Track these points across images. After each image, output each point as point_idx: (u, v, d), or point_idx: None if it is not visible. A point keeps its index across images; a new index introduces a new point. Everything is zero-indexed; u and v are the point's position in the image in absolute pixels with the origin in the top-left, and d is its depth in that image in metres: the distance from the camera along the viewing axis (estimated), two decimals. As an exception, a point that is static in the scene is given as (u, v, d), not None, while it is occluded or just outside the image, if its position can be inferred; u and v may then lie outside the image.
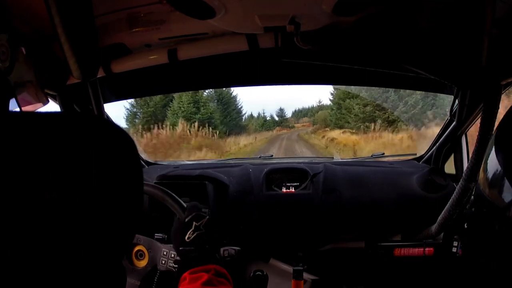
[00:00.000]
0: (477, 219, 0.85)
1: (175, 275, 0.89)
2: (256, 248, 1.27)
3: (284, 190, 1.25)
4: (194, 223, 0.75)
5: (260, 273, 0.96)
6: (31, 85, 0.82)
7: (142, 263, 0.93)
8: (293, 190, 1.25)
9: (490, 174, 0.59)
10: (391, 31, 0.80)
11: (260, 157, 1.67)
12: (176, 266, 0.88)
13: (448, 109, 1.17)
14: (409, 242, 1.20)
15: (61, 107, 0.98)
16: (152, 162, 1.54)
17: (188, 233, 0.74)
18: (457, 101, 1.08)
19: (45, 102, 0.91)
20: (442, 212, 1.05)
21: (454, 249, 1.13)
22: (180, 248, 0.75)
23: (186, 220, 0.76)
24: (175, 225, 0.80)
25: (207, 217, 0.78)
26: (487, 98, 0.82)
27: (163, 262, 0.91)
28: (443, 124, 1.28)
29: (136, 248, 0.93)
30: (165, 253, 0.91)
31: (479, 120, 0.86)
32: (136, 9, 0.82)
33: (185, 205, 0.83)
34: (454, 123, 1.17)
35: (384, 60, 0.93)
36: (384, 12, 0.74)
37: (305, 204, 1.19)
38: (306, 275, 1.23)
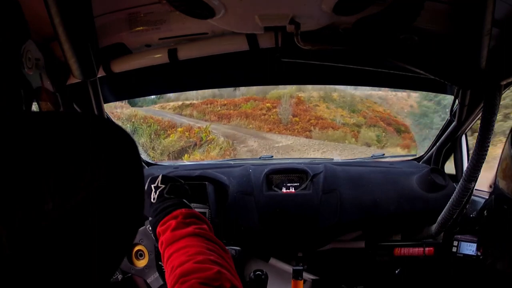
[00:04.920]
0: (497, 216, 0.85)
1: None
2: (256, 248, 1.27)
3: (284, 190, 1.26)
4: (151, 185, 0.77)
5: (260, 272, 0.96)
6: (46, 91, 0.83)
7: (142, 262, 0.93)
8: (293, 190, 1.25)
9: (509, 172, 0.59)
10: (391, 31, 0.79)
11: (260, 157, 1.67)
12: None
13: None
14: (409, 242, 1.20)
15: (61, 107, 0.98)
16: (152, 162, 1.54)
17: (151, 195, 0.76)
18: (457, 101, 1.08)
19: (59, 109, 0.92)
20: (442, 212, 1.05)
21: (454, 249, 1.13)
22: (150, 218, 0.75)
23: (146, 188, 0.77)
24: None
25: (161, 174, 0.80)
26: (487, 98, 0.82)
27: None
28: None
29: (136, 248, 0.93)
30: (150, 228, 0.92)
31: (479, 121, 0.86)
32: (136, 9, 0.82)
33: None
34: (454, 123, 1.17)
35: (384, 60, 0.93)
36: (384, 12, 0.74)
37: (305, 204, 1.19)
38: (306, 275, 1.23)
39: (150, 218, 0.88)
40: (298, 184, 1.26)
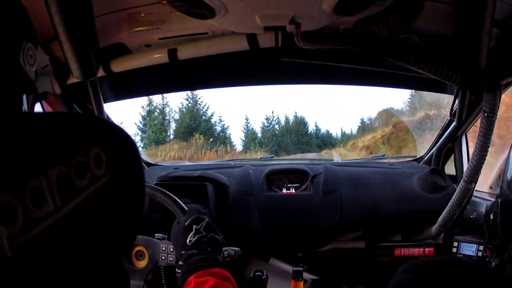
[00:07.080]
0: (505, 222, 0.84)
1: (178, 277, 0.88)
2: (256, 248, 1.27)
3: (284, 191, 1.25)
4: (194, 226, 0.74)
5: (260, 273, 0.96)
6: (51, 94, 0.83)
7: (142, 263, 0.93)
8: (293, 191, 1.25)
9: None
10: (391, 31, 0.79)
11: (260, 158, 1.67)
12: (174, 261, 0.89)
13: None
14: (409, 242, 1.20)
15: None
16: (153, 163, 1.54)
17: (189, 236, 0.73)
18: (457, 101, 1.08)
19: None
20: (443, 213, 1.05)
21: (455, 249, 1.13)
22: (182, 252, 0.74)
23: (186, 223, 0.75)
24: (175, 228, 0.78)
25: (207, 219, 0.77)
26: (487, 98, 0.82)
27: (163, 257, 0.91)
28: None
29: (136, 249, 0.93)
30: (163, 248, 0.91)
31: (479, 120, 0.86)
32: (136, 9, 0.82)
33: (186, 207, 0.82)
34: (454, 123, 1.17)
35: (384, 60, 0.93)
36: (384, 12, 0.74)
37: (306, 204, 1.19)
38: (306, 275, 1.23)
39: (180, 262, 0.86)
40: (298, 184, 1.26)
